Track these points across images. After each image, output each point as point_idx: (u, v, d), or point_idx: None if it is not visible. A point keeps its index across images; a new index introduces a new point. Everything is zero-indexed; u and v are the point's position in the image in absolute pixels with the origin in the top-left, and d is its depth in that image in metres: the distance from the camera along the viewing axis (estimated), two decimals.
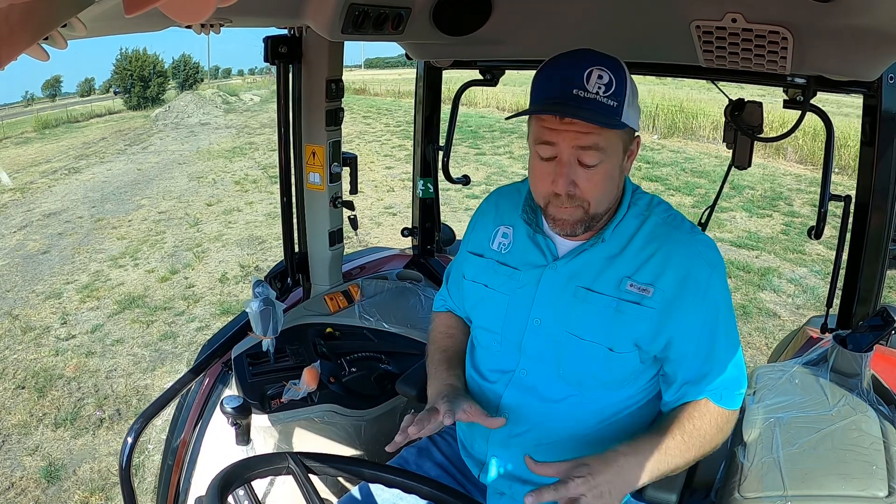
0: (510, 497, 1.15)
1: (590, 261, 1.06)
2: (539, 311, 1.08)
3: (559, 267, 1.08)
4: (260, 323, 1.49)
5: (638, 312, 1.01)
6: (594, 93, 0.93)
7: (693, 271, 1.01)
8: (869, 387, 1.22)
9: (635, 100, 0.99)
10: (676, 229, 1.05)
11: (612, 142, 0.97)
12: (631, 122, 0.97)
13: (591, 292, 1.04)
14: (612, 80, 0.94)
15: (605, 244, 1.05)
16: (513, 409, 1.11)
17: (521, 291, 1.10)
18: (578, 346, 1.04)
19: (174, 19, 0.32)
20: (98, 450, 3.21)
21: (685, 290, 1.01)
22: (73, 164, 13.73)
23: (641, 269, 1.02)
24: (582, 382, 1.06)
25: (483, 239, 1.19)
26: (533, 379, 1.10)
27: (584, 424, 1.08)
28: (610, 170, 0.99)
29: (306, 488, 0.94)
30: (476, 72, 1.85)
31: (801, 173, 9.47)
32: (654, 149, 11.59)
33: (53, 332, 4.75)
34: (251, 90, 34.03)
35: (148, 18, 0.91)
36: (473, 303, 1.19)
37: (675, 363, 1.05)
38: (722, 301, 1.04)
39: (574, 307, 1.05)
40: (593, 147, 0.95)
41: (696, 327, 1.02)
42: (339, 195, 1.82)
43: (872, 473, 1.00)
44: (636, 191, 1.10)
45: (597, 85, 0.93)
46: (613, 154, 0.98)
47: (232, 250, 6.57)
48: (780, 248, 6.08)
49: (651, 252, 1.03)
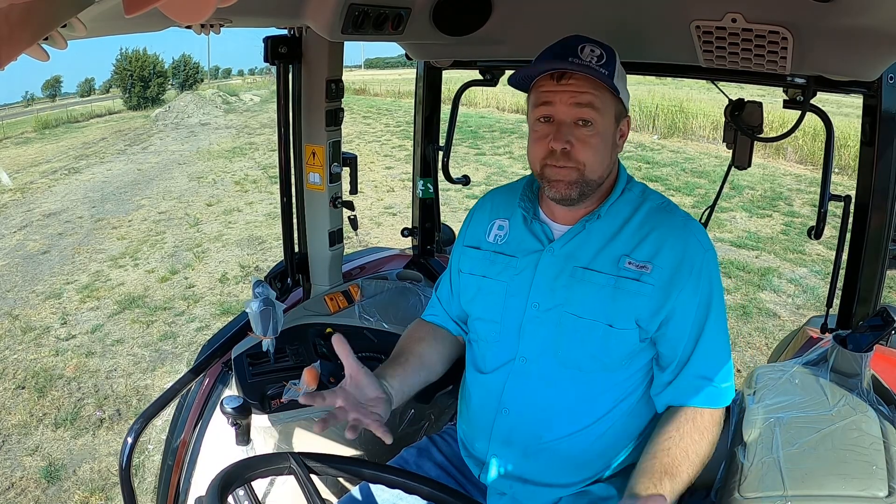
0: (510, 497, 1.15)
1: (586, 241, 1.08)
2: (537, 295, 1.09)
3: (556, 250, 1.10)
4: (260, 323, 1.49)
5: (637, 289, 1.04)
6: (588, 62, 1.00)
7: (689, 252, 1.05)
8: (869, 387, 1.22)
9: (624, 83, 1.06)
10: (670, 214, 1.10)
11: (606, 103, 1.03)
12: (622, 91, 1.03)
13: (588, 271, 1.07)
14: (604, 55, 1.01)
15: (600, 222, 1.08)
16: (513, 400, 1.12)
17: (518, 278, 1.12)
18: (577, 325, 1.06)
19: (174, 19, 0.32)
20: (98, 450, 3.21)
21: (682, 269, 1.04)
22: (73, 164, 13.73)
23: (638, 247, 1.06)
24: (580, 365, 1.07)
25: (479, 233, 1.21)
26: (532, 367, 1.10)
27: (584, 416, 1.09)
28: (603, 132, 1.04)
29: (308, 488, 0.94)
30: (476, 72, 1.85)
31: (801, 173, 9.47)
32: (654, 149, 11.59)
33: (53, 332, 4.76)
34: (251, 90, 34.05)
35: (148, 18, 0.91)
36: (471, 295, 1.20)
37: (671, 342, 1.06)
38: (715, 284, 1.07)
39: (572, 288, 1.07)
40: (588, 105, 1.01)
41: (691, 306, 1.04)
42: (339, 195, 1.82)
43: (872, 473, 1.00)
44: (631, 179, 1.14)
45: (590, 56, 1.00)
46: (607, 116, 1.04)
47: (232, 250, 6.57)
48: (780, 248, 6.08)
49: (647, 232, 1.07)
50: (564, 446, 1.10)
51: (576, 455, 1.10)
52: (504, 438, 1.13)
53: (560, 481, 1.12)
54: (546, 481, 1.12)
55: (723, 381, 1.06)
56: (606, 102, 1.03)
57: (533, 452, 1.11)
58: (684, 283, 1.04)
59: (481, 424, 1.16)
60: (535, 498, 1.13)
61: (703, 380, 1.05)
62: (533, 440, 1.11)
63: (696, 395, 1.05)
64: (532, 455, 1.11)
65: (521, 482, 1.13)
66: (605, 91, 1.02)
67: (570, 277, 1.07)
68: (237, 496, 0.98)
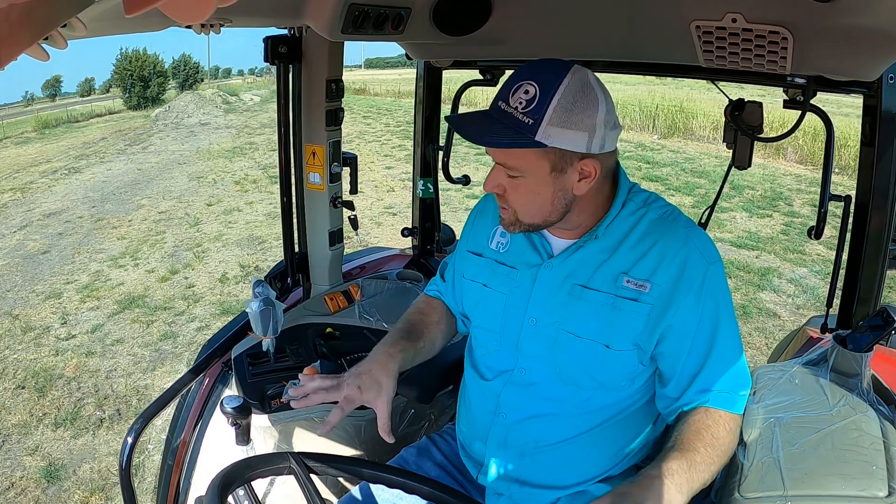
0: (508, 498, 1.15)
1: (585, 258, 1.05)
2: (535, 310, 1.08)
3: (554, 266, 1.07)
4: (260, 323, 1.49)
5: (635, 308, 1.00)
6: (514, 107, 0.93)
7: (689, 266, 1.00)
8: (869, 387, 1.22)
9: (578, 118, 0.92)
10: (672, 224, 1.04)
11: (525, 160, 0.96)
12: (555, 141, 0.92)
13: (587, 289, 1.04)
14: (537, 96, 0.91)
15: (598, 241, 1.05)
16: (511, 408, 1.11)
17: (517, 291, 1.10)
18: (574, 344, 1.04)
19: (174, 19, 0.32)
20: (98, 450, 3.21)
21: (681, 284, 1.00)
22: (73, 163, 13.73)
23: (638, 264, 1.01)
24: (579, 382, 1.06)
25: (482, 238, 1.19)
26: (531, 378, 1.09)
27: (582, 425, 1.08)
28: (534, 187, 0.98)
29: (308, 488, 0.94)
30: (476, 72, 1.85)
31: (801, 173, 9.47)
32: (654, 149, 11.58)
33: (53, 332, 4.75)
34: (251, 90, 34.04)
35: (148, 18, 0.91)
36: (473, 302, 1.19)
37: (670, 359, 1.03)
38: (721, 297, 1.02)
39: (570, 305, 1.04)
40: (504, 164, 0.98)
41: (692, 322, 1.00)
42: (339, 195, 1.82)
43: (872, 473, 1.00)
44: (633, 189, 1.09)
45: (519, 99, 0.93)
46: (531, 173, 0.97)
47: (232, 250, 6.57)
48: (780, 248, 6.08)
49: (647, 247, 1.02)
50: (561, 451, 1.09)
51: (573, 459, 1.10)
52: (500, 442, 1.13)
53: (558, 483, 1.11)
54: (543, 483, 1.12)
55: (740, 390, 1.03)
56: (527, 158, 0.95)
57: (529, 456, 1.11)
58: (682, 299, 1.00)
59: (479, 427, 1.16)
60: (532, 499, 1.13)
61: (715, 392, 1.02)
62: (529, 445, 1.10)
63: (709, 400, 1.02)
64: (529, 458, 1.11)
65: (519, 483, 1.13)
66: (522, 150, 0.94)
67: (567, 295, 1.05)
68: (237, 496, 0.98)
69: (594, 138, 0.94)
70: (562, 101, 0.91)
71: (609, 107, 0.96)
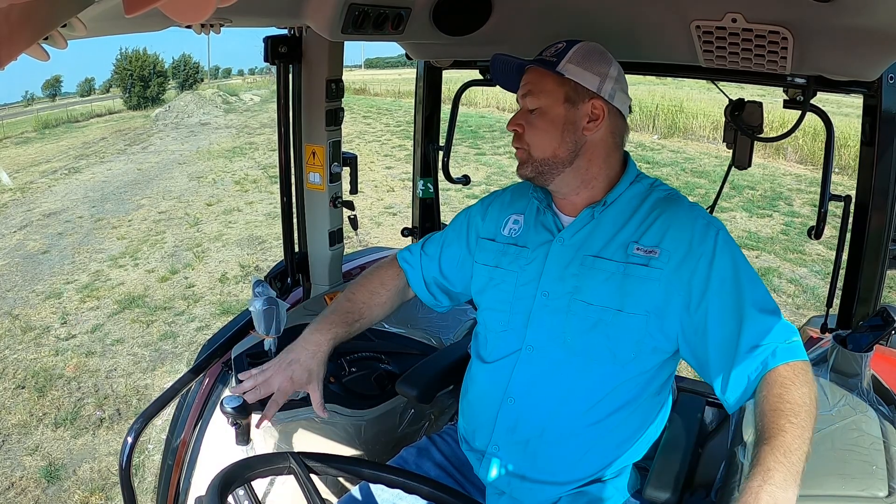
0: (509, 496, 1.15)
1: (596, 231, 1.11)
2: (547, 283, 1.11)
3: (566, 239, 1.13)
4: (263, 322, 1.49)
5: (646, 274, 1.05)
6: (542, 56, 1.11)
7: (697, 231, 1.06)
8: (869, 387, 1.22)
9: (592, 64, 1.09)
10: (676, 201, 1.12)
11: (546, 87, 1.10)
12: (572, 74, 1.08)
13: (598, 259, 1.09)
14: (565, 46, 1.10)
15: (609, 211, 1.11)
16: (520, 391, 1.12)
17: (529, 267, 1.15)
18: (587, 312, 1.07)
19: (174, 19, 0.32)
20: (98, 450, 3.21)
21: (693, 249, 1.04)
22: (73, 163, 13.73)
23: (646, 233, 1.08)
24: (588, 352, 1.07)
25: (496, 226, 1.25)
26: (539, 355, 1.11)
27: (589, 410, 1.08)
28: (549, 115, 1.10)
29: (307, 488, 0.94)
30: (476, 72, 1.85)
31: (801, 173, 9.47)
32: (654, 149, 11.59)
33: (53, 331, 4.76)
34: (251, 90, 34.01)
35: (148, 18, 0.91)
36: (482, 286, 1.22)
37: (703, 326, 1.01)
38: (738, 255, 1.05)
39: (582, 276, 1.09)
40: (529, 93, 1.12)
41: (715, 283, 1.01)
42: (339, 195, 1.82)
43: (872, 473, 1.00)
44: (641, 174, 1.17)
45: (549, 50, 1.11)
46: (549, 98, 1.10)
47: (232, 250, 6.57)
48: (780, 248, 6.08)
49: (654, 218, 1.09)
50: (566, 442, 1.10)
51: (577, 452, 1.10)
52: (508, 427, 1.13)
53: (559, 479, 1.12)
54: (545, 479, 1.12)
55: (791, 337, 0.98)
56: (547, 85, 1.10)
57: (534, 445, 1.11)
58: (696, 262, 1.02)
59: (485, 415, 1.16)
60: (534, 496, 1.13)
61: (766, 349, 0.97)
62: (536, 431, 1.11)
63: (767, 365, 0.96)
64: (533, 448, 1.11)
65: (520, 479, 1.13)
66: (546, 77, 1.09)
67: (580, 266, 1.09)
68: (237, 496, 0.98)
69: (605, 84, 1.09)
70: (581, 49, 1.10)
71: (620, 74, 1.12)
